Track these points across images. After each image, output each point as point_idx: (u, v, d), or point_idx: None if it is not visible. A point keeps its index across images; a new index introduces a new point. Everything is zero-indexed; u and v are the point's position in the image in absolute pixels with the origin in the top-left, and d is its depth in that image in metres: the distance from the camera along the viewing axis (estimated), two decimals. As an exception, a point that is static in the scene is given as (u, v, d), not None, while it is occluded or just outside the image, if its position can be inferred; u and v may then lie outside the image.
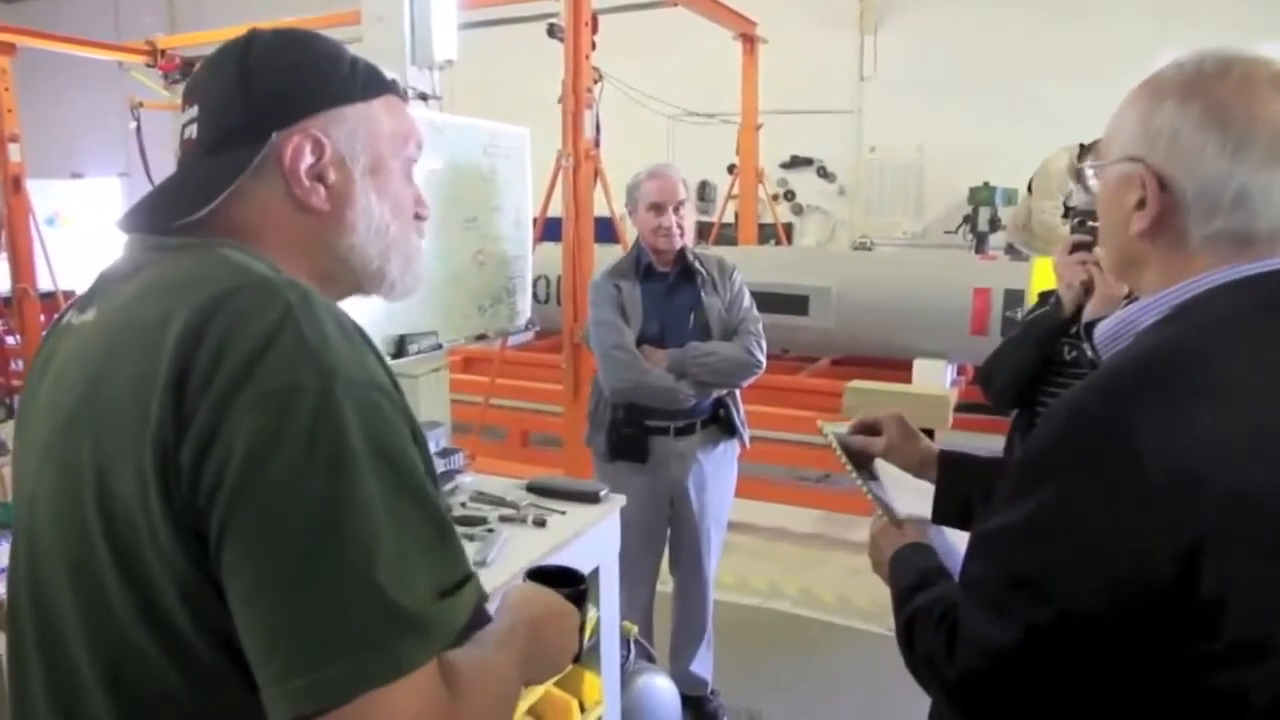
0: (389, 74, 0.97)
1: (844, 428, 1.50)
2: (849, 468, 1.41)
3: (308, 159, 0.88)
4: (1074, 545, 0.85)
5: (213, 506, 0.70)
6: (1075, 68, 6.62)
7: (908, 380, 4.90)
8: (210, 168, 0.87)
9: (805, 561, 4.32)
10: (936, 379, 4.86)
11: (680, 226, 2.73)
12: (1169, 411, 0.82)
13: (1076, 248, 2.05)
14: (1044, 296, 2.31)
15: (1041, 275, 4.25)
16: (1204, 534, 0.79)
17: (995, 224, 6.78)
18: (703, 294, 2.77)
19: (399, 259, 0.96)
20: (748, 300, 2.83)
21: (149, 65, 6.38)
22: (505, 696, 0.85)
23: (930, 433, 4.31)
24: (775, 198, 7.58)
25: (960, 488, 1.34)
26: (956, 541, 1.31)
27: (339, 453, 0.70)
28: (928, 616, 1.00)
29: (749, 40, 6.12)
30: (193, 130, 0.90)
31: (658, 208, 2.70)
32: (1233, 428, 0.81)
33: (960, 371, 5.23)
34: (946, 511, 1.35)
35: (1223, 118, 0.87)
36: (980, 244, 6.83)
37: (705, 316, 2.75)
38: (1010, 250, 6.30)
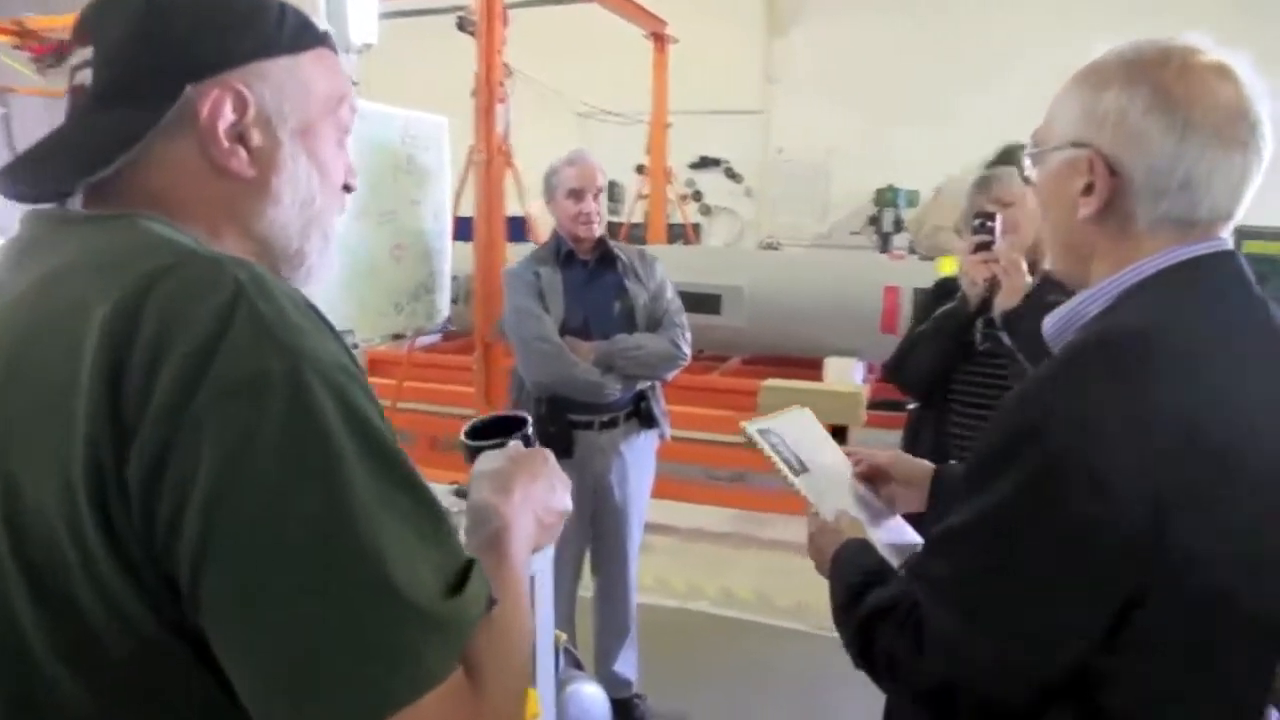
0: (322, 25, 0.85)
1: (765, 422, 1.46)
2: (778, 464, 1.37)
3: (228, 116, 0.75)
4: (1035, 539, 0.85)
5: (177, 535, 0.60)
6: (978, 73, 6.87)
7: (818, 378, 4.96)
8: (110, 121, 0.74)
9: (722, 561, 4.32)
10: (847, 376, 4.93)
11: (598, 214, 2.70)
12: (1116, 400, 0.83)
13: (979, 248, 2.15)
14: (940, 285, 2.43)
15: (947, 272, 4.36)
16: (1163, 521, 0.81)
17: (899, 225, 6.98)
18: (626, 280, 2.74)
19: (319, 237, 0.84)
20: (671, 292, 2.81)
21: (17, 48, 5.96)
22: (520, 634, 0.75)
23: (844, 429, 4.41)
24: (683, 198, 7.61)
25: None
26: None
27: (324, 446, 0.61)
28: (887, 616, 0.99)
29: (659, 39, 6.13)
30: (85, 75, 0.76)
31: (577, 194, 2.66)
32: (1182, 410, 0.83)
33: (870, 369, 5.33)
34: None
35: (1168, 101, 0.88)
36: (885, 244, 7.03)
37: (631, 304, 2.71)
38: (915, 249, 6.49)
